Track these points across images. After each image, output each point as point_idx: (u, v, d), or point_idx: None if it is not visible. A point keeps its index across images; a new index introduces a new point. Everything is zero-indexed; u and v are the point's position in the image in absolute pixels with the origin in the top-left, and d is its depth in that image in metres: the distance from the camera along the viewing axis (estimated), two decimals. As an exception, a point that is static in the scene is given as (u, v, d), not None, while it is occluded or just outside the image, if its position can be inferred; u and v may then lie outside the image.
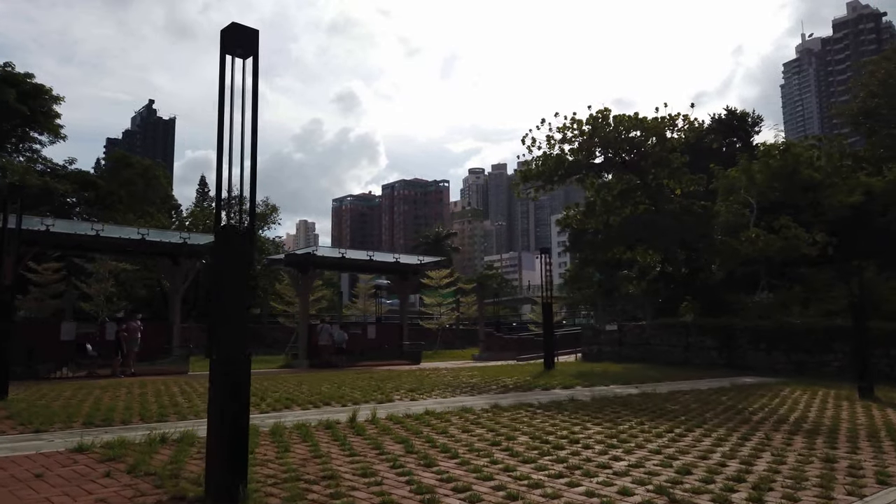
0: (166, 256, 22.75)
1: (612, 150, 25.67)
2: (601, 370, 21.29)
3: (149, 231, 21.30)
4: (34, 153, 44.75)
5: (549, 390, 15.11)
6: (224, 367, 5.57)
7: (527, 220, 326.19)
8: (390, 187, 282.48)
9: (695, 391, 15.28)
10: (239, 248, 5.74)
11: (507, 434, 8.71)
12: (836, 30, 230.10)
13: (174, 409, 11.01)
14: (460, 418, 10.24)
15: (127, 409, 11.07)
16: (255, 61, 6.03)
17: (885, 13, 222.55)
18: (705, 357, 23.96)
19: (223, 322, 5.66)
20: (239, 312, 5.70)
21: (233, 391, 5.56)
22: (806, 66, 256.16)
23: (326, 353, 24.58)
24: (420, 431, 8.90)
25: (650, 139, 24.80)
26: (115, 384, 15.97)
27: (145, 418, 10.07)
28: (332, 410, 11.25)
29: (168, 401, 12.27)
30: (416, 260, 29.48)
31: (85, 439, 8.05)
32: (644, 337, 26.72)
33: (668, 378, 18.75)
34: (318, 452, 7.42)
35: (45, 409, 10.87)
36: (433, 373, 20.95)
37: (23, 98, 40.45)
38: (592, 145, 25.63)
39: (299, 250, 27.91)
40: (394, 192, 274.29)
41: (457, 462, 6.96)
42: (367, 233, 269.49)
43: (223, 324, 5.65)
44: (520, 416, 10.59)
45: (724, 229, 25.88)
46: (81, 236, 19.82)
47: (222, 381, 5.56)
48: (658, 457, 7.40)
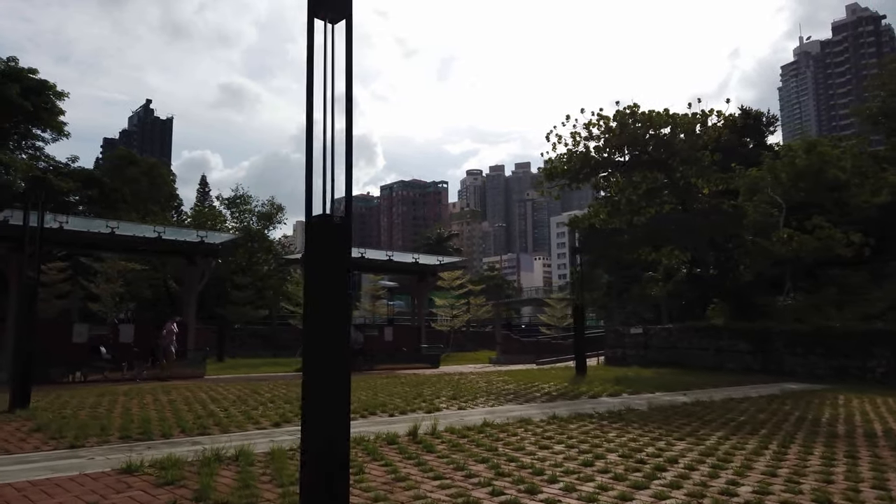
0: (181, 255, 21.91)
1: (640, 148, 24.91)
2: (634, 375, 20.50)
3: (165, 229, 20.45)
4: (37, 150, 43.76)
5: (597, 398, 14.31)
6: (321, 383, 4.78)
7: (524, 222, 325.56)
8: (389, 188, 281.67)
9: (748, 399, 14.51)
10: (336, 242, 4.94)
11: (592, 452, 7.90)
12: (835, 32, 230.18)
13: (212, 420, 10.19)
14: (526, 431, 9.45)
15: (161, 419, 10.24)
16: (348, 25, 5.23)
17: (885, 16, 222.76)
18: (738, 362, 23.19)
19: (318, 329, 4.86)
20: (339, 318, 4.90)
21: (334, 410, 4.76)
22: (804, 69, 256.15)
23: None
24: (494, 448, 8.10)
25: (680, 136, 24.04)
26: (138, 390, 15.12)
27: (186, 431, 9.24)
28: (383, 421, 10.44)
29: (202, 409, 11.44)
30: (435, 260, 28.69)
31: (128, 456, 7.26)
32: (671, 340, 25.94)
33: (707, 384, 17.97)
34: (398, 475, 6.62)
35: (73, 419, 10.05)
36: (461, 377, 20.13)
37: (26, 94, 39.46)
38: (620, 142, 24.88)
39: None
40: (392, 193, 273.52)
41: (561, 488, 6.16)
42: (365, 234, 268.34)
43: (318, 331, 4.85)
44: (588, 428, 9.79)
45: (752, 229, 25.13)
46: (96, 234, 18.98)
47: (320, 398, 4.76)
48: (777, 480, 6.62)
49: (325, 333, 4.83)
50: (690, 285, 27.42)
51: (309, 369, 4.87)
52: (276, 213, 50.76)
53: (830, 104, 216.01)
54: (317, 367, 4.84)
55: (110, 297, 29.58)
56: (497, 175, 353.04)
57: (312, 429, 4.77)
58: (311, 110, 5.15)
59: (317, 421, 4.77)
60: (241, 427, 9.63)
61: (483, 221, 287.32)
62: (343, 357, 4.85)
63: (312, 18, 5.20)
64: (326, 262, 4.89)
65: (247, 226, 45.40)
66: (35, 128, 42.74)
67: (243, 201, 49.89)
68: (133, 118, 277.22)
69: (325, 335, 4.83)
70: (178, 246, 21.14)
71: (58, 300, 32.08)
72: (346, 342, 4.93)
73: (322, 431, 4.74)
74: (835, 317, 22.80)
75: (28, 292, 11.21)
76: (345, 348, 4.88)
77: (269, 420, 10.28)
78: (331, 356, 4.81)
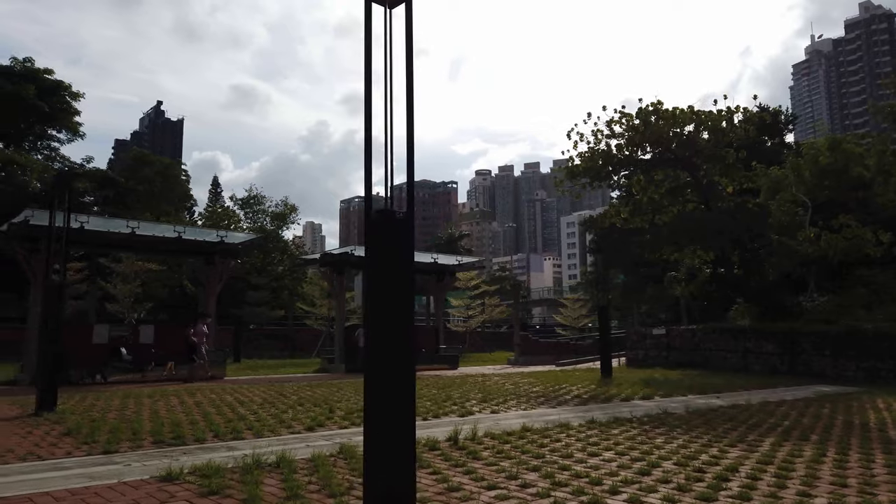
0: (200, 255, 21.70)
1: (663, 146, 24.52)
2: (662, 377, 20.13)
3: (185, 229, 20.25)
4: (52, 151, 43.85)
5: (630, 401, 13.97)
6: (386, 387, 4.49)
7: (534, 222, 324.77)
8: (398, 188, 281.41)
9: (785, 402, 14.13)
10: (399, 238, 4.66)
11: (646, 459, 7.57)
12: (848, 30, 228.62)
13: (244, 424, 9.92)
14: (568, 437, 9.14)
15: (192, 423, 9.98)
16: (408, 9, 4.94)
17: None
18: (765, 364, 22.78)
19: (382, 330, 4.57)
20: (402, 318, 4.61)
21: (400, 416, 4.48)
22: (816, 68, 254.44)
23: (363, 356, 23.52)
24: (541, 454, 7.79)
25: (704, 133, 23.65)
26: (162, 392, 14.89)
27: (219, 435, 8.97)
28: (418, 424, 10.13)
29: (230, 412, 11.18)
30: (453, 260, 28.39)
31: (165, 462, 7.01)
32: (695, 342, 25.54)
33: (738, 386, 17.58)
34: (450, 484, 6.33)
35: (102, 422, 9.81)
36: (484, 379, 19.82)
37: (41, 94, 39.54)
38: (642, 140, 24.51)
39: (335, 250, 26.83)
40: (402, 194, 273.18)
41: (626, 500, 5.84)
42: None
43: (382, 332, 4.57)
44: (632, 433, 9.46)
45: (777, 228, 24.70)
46: (116, 234, 18.80)
47: (385, 403, 4.47)
48: (850, 491, 6.27)
49: (389, 341, 4.54)
50: (714, 286, 26.99)
51: (372, 380, 4.57)
52: (289, 213, 50.62)
53: (843, 102, 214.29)
54: (380, 379, 4.55)
55: (127, 297, 29.44)
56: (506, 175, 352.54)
57: (380, 435, 4.47)
58: (369, 99, 4.87)
59: (384, 425, 4.47)
60: (275, 431, 9.37)
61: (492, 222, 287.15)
62: (408, 369, 4.56)
63: (369, 4, 4.92)
64: (389, 261, 4.61)
65: (261, 226, 45.28)
66: (50, 128, 42.88)
67: (257, 201, 49.78)
68: (144, 120, 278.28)
69: (389, 343, 4.54)
70: (197, 246, 20.91)
71: (74, 301, 32.00)
72: (411, 351, 4.64)
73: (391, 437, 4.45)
74: (864, 318, 22.35)
75: (54, 293, 10.98)
76: (409, 359, 4.59)
77: (301, 424, 10.00)
78: (394, 368, 4.51)
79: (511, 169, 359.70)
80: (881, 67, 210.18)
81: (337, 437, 9.02)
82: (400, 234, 4.67)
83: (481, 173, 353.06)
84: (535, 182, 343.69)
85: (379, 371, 4.55)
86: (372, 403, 4.52)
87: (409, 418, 4.54)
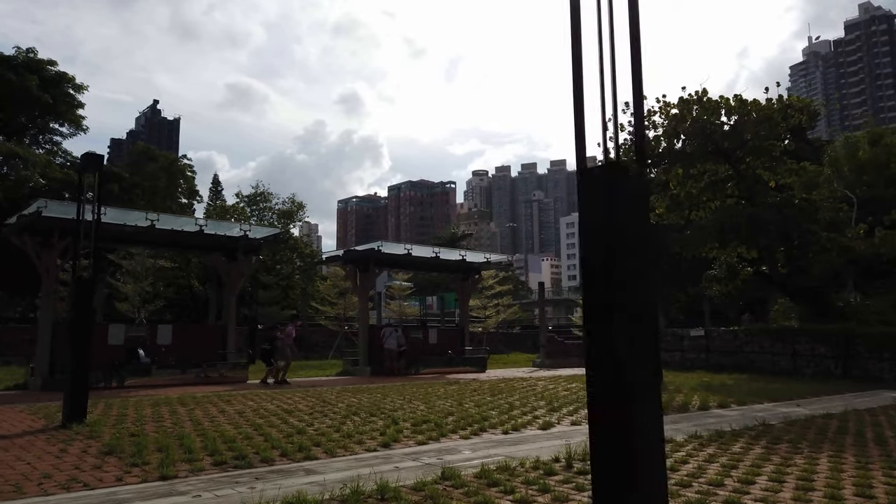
0: (221, 251, 20.38)
1: (705, 137, 23.30)
2: (715, 382, 18.90)
3: (206, 222, 18.90)
4: (54, 145, 42.40)
5: (707, 409, 12.71)
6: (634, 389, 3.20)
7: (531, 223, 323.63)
8: (396, 188, 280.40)
9: (874, 410, 12.92)
10: (632, 198, 3.37)
11: (816, 488, 6.33)
12: (847, 31, 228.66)
13: (306, 438, 8.63)
14: (689, 455, 7.88)
15: (246, 437, 8.69)
16: None
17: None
18: (817, 367, 21.59)
19: (612, 332, 3.28)
20: (647, 313, 3.34)
21: (650, 424, 3.21)
22: (813, 69, 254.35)
23: (391, 359, 22.26)
24: (687, 482, 6.52)
25: (752, 125, 22.43)
26: (193, 398, 13.55)
27: (287, 454, 7.67)
28: (502, 440, 8.87)
29: (283, 424, 9.87)
30: (481, 257, 27.08)
31: (241, 492, 5.76)
32: (736, 344, 24.35)
33: (805, 393, 16.34)
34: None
35: (143, 437, 8.51)
36: (528, 383, 18.56)
37: (44, 86, 38.10)
38: (683, 132, 23.31)
39: (360, 247, 25.53)
40: (400, 194, 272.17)
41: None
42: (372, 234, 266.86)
43: (617, 318, 3.26)
44: (757, 451, 8.19)
45: (825, 225, 23.52)
46: (134, 227, 17.45)
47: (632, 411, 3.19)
48: None
49: (626, 339, 3.25)
50: (756, 284, 25.83)
51: (598, 399, 3.30)
52: (296, 210, 49.23)
53: (844, 103, 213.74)
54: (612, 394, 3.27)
55: (138, 296, 28.08)
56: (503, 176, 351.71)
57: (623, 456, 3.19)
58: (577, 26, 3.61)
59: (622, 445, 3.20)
60: (347, 448, 8.09)
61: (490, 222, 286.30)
62: (654, 347, 3.30)
63: None
64: (620, 229, 3.32)
65: (271, 223, 43.96)
66: (53, 122, 41.42)
67: (264, 198, 48.41)
68: (140, 118, 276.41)
69: (626, 342, 3.25)
70: (220, 241, 19.58)
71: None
72: (657, 352, 3.39)
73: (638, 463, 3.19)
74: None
75: (85, 290, 9.70)
76: (657, 363, 3.34)
77: (372, 439, 8.73)
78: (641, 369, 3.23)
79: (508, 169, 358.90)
80: (881, 68, 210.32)
81: (422, 455, 7.76)
82: (633, 194, 3.38)
83: (478, 174, 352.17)
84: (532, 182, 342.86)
85: (611, 380, 3.26)
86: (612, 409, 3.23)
87: (658, 425, 3.27)
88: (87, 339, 9.68)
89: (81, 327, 9.58)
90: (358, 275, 23.77)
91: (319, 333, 37.00)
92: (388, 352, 22.17)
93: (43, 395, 15.19)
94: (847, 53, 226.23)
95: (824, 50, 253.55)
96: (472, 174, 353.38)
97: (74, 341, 9.55)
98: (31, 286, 34.20)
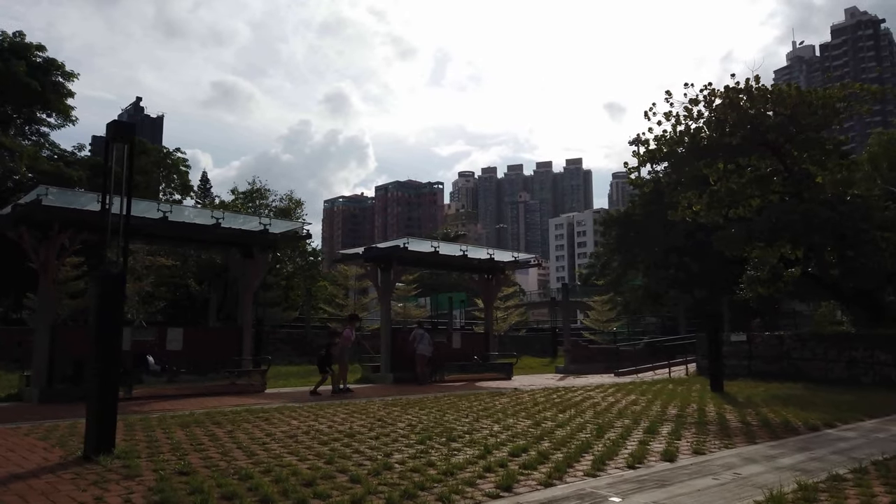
0: (237, 247, 18.52)
1: (752, 130, 21.77)
2: (784, 394, 17.31)
3: (223, 215, 17.03)
4: (41, 136, 40.16)
5: (818, 431, 11.08)
6: None
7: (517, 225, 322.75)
8: (384, 188, 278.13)
9: None
10: None
11: None
12: (834, 36, 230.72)
13: (403, 477, 6.86)
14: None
15: (325, 476, 6.88)
16: None
17: (884, 20, 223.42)
18: (876, 374, 20.15)
19: None
20: None
21: None
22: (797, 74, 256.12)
23: (422, 364, 20.49)
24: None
25: (807, 115, 20.93)
26: (222, 416, 11.65)
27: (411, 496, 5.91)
28: (628, 479, 7.18)
29: (355, 453, 8.06)
30: (509, 256, 25.37)
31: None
32: (783, 350, 22.86)
33: (886, 404, 14.86)
34: None
35: (195, 476, 6.70)
36: (570, 393, 16.89)
37: (32, 73, 35.90)
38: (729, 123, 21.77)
39: (382, 244, 23.72)
40: (387, 194, 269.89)
41: None
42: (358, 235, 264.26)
43: None
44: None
45: (879, 223, 22.10)
46: (145, 220, 15.58)
47: None
48: None
49: None
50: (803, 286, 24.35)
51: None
52: (294, 207, 47.25)
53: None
54: None
55: (136, 296, 26.03)
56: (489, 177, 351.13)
57: None
58: None
59: None
60: (462, 494, 6.33)
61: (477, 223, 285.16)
62: None
63: None
64: None
65: (269, 221, 41.98)
66: (40, 111, 39.20)
67: (260, 195, 46.42)
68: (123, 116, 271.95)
69: None
70: (237, 235, 17.75)
71: (71, 300, 28.60)
72: None
73: None
74: None
75: (112, 287, 7.88)
76: None
77: (481, 478, 6.99)
78: None
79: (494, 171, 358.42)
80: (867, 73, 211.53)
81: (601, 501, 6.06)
82: None
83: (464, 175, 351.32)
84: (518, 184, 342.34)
85: None
86: None
87: None
88: (116, 346, 7.87)
89: (110, 332, 7.76)
90: (379, 274, 22.00)
91: (322, 337, 35.06)
92: (420, 357, 20.40)
93: (43, 410, 13.29)
94: (833, 58, 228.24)
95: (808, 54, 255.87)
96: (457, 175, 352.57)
97: (101, 350, 7.72)
98: (16, 283, 32.04)
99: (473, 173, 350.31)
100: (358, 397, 15.91)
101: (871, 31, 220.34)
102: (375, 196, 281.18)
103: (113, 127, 8.11)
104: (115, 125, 8.10)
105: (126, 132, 8.21)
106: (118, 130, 8.10)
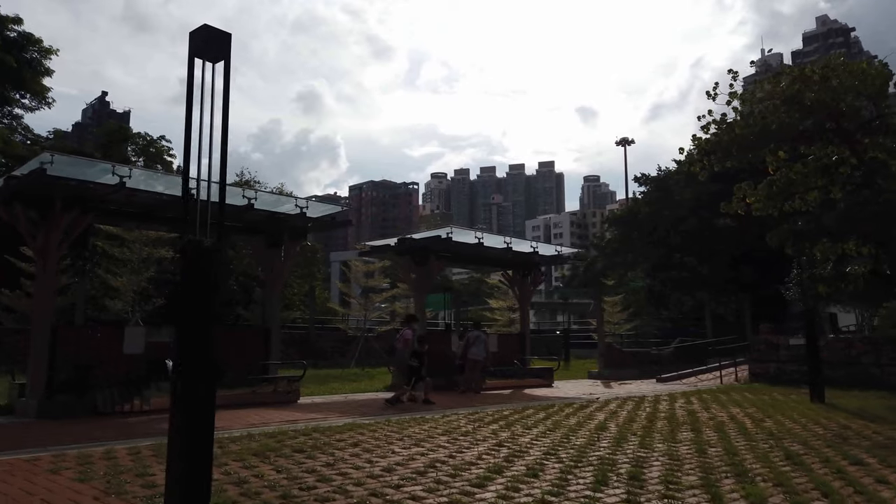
0: (264, 234, 16.01)
1: (822, 114, 19.89)
2: (885, 406, 15.41)
3: (256, 195, 14.49)
4: (14, 119, 36.88)
5: None
6: None
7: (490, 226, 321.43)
8: (358, 188, 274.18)
9: None
10: None
11: None
12: (806, 43, 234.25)
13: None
14: None
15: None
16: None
17: (854, 28, 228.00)
18: (967, 383, 18.41)
19: None
20: None
21: None
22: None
23: (476, 370, 18.10)
24: None
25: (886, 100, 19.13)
26: (295, 439, 9.18)
27: None
28: None
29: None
30: (552, 250, 23.13)
31: None
32: (852, 354, 21.05)
33: None
34: None
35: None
36: (657, 404, 14.73)
37: (7, 48, 32.74)
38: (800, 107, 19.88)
39: (418, 234, 21.27)
40: (362, 194, 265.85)
41: None
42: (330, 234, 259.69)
43: None
44: None
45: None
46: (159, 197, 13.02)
47: None
48: None
49: None
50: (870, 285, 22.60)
51: None
52: (286, 201, 44.56)
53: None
54: None
55: (133, 291, 23.19)
56: (462, 179, 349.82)
57: None
58: None
59: None
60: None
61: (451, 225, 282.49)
62: None
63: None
64: None
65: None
66: (14, 91, 35.93)
67: (248, 187, 43.60)
68: (88, 110, 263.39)
69: None
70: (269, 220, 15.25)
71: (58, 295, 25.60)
72: None
73: None
74: None
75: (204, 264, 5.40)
76: None
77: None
78: None
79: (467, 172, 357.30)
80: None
81: None
82: None
83: (437, 176, 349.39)
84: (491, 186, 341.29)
85: None
86: None
87: None
88: (209, 354, 5.41)
89: (203, 320, 5.30)
90: (414, 269, 19.61)
91: (327, 338, 32.53)
92: (473, 363, 18.01)
93: (48, 428, 10.68)
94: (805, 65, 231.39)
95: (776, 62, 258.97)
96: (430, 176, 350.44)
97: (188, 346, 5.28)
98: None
99: (446, 175, 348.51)
100: (431, 410, 13.53)
101: (842, 38, 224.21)
102: (350, 196, 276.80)
103: (201, 34, 5.60)
104: (204, 31, 5.59)
105: (220, 44, 5.68)
106: (209, 39, 5.59)
